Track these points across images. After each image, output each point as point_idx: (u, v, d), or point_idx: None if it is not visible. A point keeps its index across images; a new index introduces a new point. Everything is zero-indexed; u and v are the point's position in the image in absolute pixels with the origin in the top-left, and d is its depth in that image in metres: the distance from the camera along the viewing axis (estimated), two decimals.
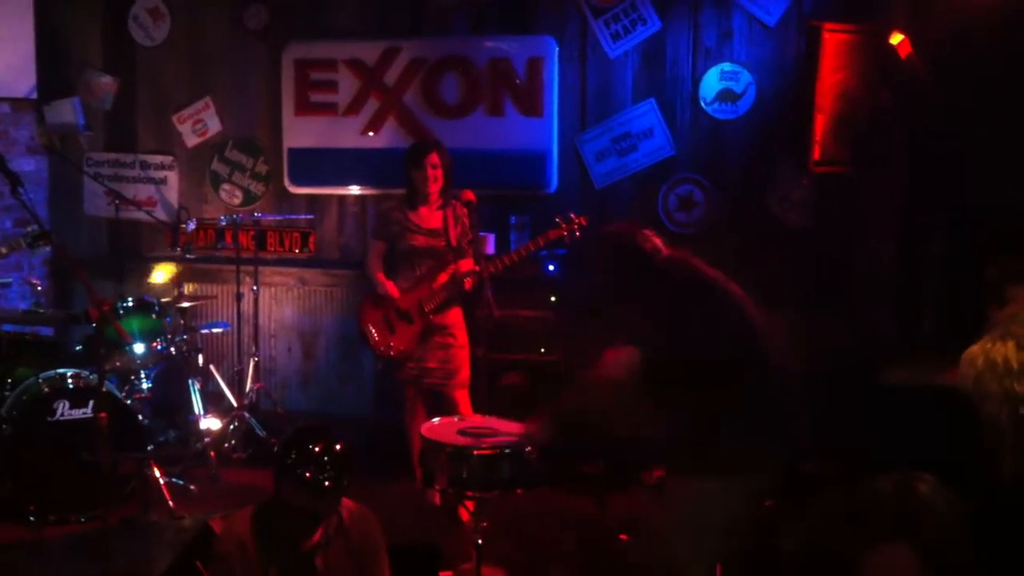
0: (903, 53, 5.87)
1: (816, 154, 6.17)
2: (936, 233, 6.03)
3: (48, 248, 5.01)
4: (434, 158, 5.62)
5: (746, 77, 6.49)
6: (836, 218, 6.38)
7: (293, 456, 3.31)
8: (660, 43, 6.66)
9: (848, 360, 5.66)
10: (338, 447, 3.34)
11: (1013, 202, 5.33)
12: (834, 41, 6.11)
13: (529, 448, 4.07)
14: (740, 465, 3.51)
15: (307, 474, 3.26)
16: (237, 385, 6.92)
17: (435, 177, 5.63)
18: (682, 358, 3.55)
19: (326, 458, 3.29)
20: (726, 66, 6.52)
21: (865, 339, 6.08)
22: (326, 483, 3.26)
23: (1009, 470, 3.30)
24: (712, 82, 6.55)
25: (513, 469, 4.02)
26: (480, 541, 4.26)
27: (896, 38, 5.83)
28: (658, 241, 3.87)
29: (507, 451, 4.02)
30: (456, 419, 4.62)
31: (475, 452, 4.01)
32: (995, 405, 3.28)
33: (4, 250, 5.12)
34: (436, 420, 4.50)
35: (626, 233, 3.95)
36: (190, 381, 6.53)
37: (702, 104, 6.58)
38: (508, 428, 4.25)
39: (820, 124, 6.13)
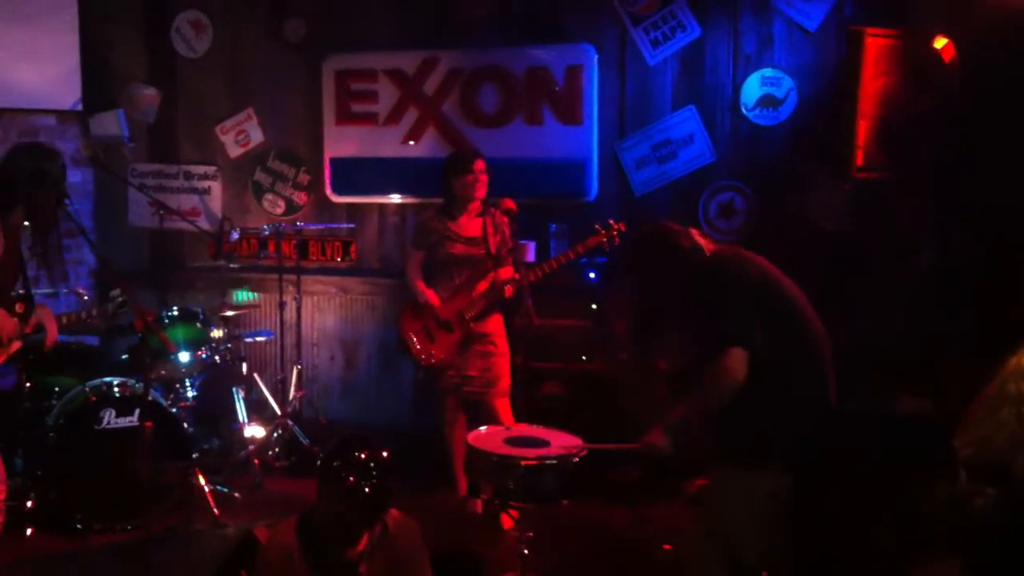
0: (947, 57, 5.81)
1: (859, 160, 6.12)
2: (972, 236, 5.95)
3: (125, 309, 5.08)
4: (480, 164, 5.63)
5: (787, 83, 6.45)
6: (874, 222, 6.32)
7: (338, 464, 3.33)
8: (700, 50, 6.65)
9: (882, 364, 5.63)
10: (384, 455, 3.35)
11: None
12: (876, 46, 6.05)
13: (575, 459, 4.06)
14: (767, 462, 3.60)
15: (351, 481, 3.27)
16: (280, 393, 6.96)
17: (483, 182, 5.63)
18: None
19: (371, 465, 3.30)
20: (767, 72, 6.49)
21: (902, 342, 6.02)
22: (370, 491, 3.27)
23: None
24: (753, 88, 6.52)
25: (559, 479, 4.00)
26: (525, 551, 4.25)
27: (940, 42, 5.77)
28: (700, 240, 3.90)
29: (553, 461, 4.01)
30: (503, 428, 4.61)
31: (522, 462, 4.00)
32: (1010, 407, 3.25)
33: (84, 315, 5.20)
34: (483, 429, 4.49)
35: (661, 230, 3.98)
36: (234, 389, 6.57)
37: (743, 110, 6.55)
38: (555, 438, 4.23)
39: (863, 130, 6.08)
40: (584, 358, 6.29)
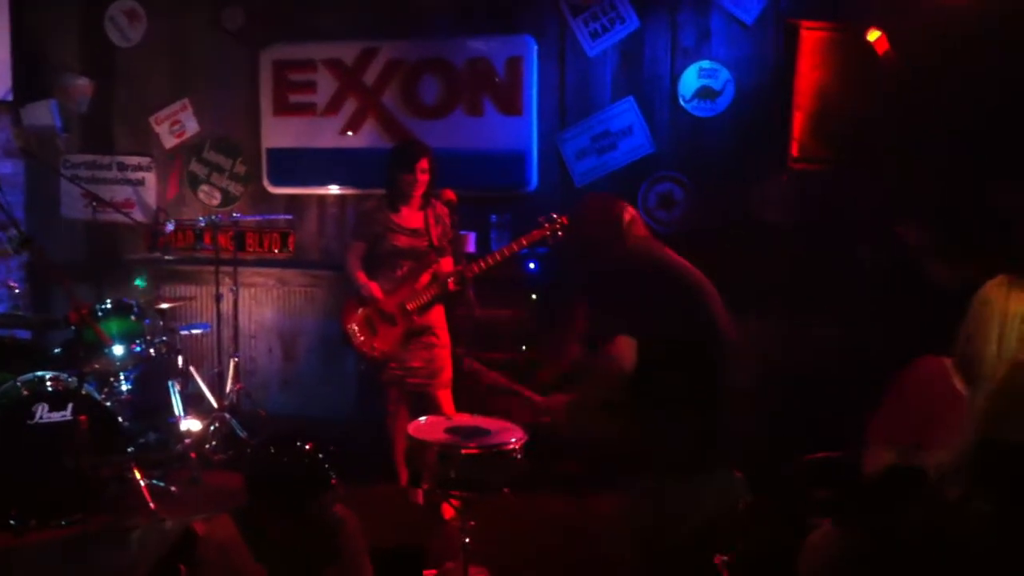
0: (880, 50, 5.89)
1: (794, 151, 6.20)
2: (914, 228, 6.03)
3: (29, 252, 4.98)
4: (424, 163, 5.59)
5: (724, 75, 6.51)
6: (819, 217, 6.38)
7: (274, 460, 3.31)
8: (638, 41, 6.69)
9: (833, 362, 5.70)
10: (315, 447, 3.34)
11: (997, 201, 5.34)
12: (812, 39, 6.14)
13: (522, 440, 4.06)
14: (678, 465, 3.55)
15: (288, 478, 3.26)
16: (218, 387, 6.90)
17: (423, 181, 5.61)
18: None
19: (307, 461, 3.28)
20: (704, 64, 6.55)
21: (850, 341, 6.09)
22: (308, 486, 3.26)
23: None
24: (691, 80, 6.58)
25: (500, 469, 4.00)
26: (467, 540, 4.25)
27: (873, 35, 5.86)
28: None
29: (494, 450, 4.01)
30: (443, 418, 4.61)
31: (462, 451, 3.99)
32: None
33: None
34: (423, 419, 4.48)
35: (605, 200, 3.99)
36: (170, 383, 6.50)
37: (681, 102, 6.60)
38: (496, 427, 4.24)
39: (798, 121, 6.17)
40: (524, 348, 6.30)
